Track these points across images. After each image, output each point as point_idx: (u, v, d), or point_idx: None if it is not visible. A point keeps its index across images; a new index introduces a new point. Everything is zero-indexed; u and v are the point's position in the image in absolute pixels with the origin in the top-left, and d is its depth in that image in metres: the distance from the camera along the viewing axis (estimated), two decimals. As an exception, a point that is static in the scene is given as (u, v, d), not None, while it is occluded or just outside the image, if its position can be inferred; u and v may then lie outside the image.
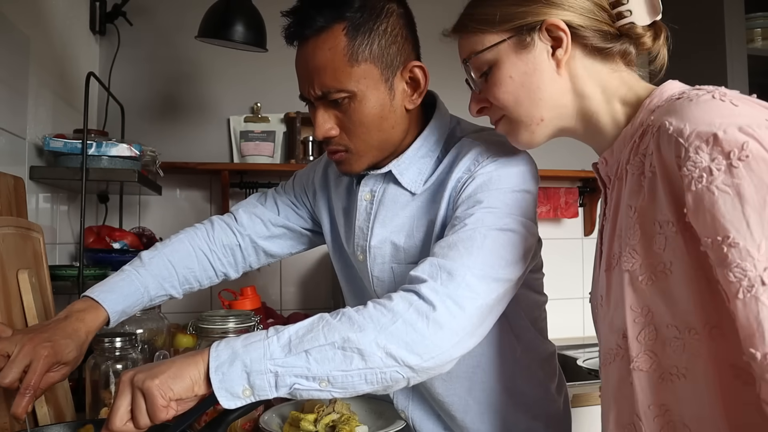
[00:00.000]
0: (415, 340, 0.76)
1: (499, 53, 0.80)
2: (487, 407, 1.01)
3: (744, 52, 2.07)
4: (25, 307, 1.07)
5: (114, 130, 1.99)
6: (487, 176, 0.89)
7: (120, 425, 0.73)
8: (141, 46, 2.16)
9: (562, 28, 0.76)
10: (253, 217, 1.19)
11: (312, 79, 0.91)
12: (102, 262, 1.61)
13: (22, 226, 1.17)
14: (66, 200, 1.79)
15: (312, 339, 0.75)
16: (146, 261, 1.09)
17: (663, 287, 0.68)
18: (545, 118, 0.81)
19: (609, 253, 0.76)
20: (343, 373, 0.75)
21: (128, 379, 0.74)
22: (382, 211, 1.01)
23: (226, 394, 0.74)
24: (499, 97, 0.81)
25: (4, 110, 1.34)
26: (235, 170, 2.17)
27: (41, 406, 1.01)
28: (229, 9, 1.72)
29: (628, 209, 0.71)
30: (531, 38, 0.78)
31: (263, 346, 0.75)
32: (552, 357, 1.09)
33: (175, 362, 0.75)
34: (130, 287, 1.04)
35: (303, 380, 0.75)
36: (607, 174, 0.81)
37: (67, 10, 1.79)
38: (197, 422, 1.12)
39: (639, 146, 0.71)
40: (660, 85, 0.77)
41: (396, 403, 1.10)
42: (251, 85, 2.27)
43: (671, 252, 0.66)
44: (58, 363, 0.89)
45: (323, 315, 0.79)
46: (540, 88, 0.79)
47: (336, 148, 0.97)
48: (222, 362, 0.74)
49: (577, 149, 1.04)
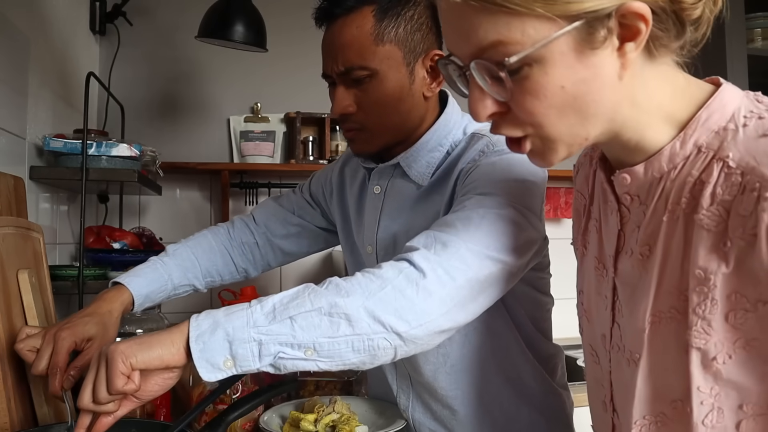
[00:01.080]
0: (404, 306, 0.74)
1: (550, 50, 0.54)
2: (491, 400, 1.02)
3: (744, 52, 2.07)
4: (25, 307, 1.07)
5: (114, 130, 1.99)
6: (490, 166, 0.89)
7: (87, 400, 0.70)
8: (141, 46, 2.16)
9: (646, 17, 0.54)
10: (269, 216, 1.22)
11: (336, 55, 0.94)
12: (102, 262, 1.61)
13: (22, 226, 1.17)
14: (66, 200, 1.79)
15: (297, 305, 0.72)
16: (171, 252, 1.14)
17: (744, 364, 0.58)
18: (591, 137, 0.60)
19: (654, 309, 0.63)
20: (329, 339, 0.72)
21: (98, 352, 0.72)
22: (389, 203, 1.03)
23: (206, 365, 0.69)
24: (537, 114, 0.57)
25: (4, 110, 1.34)
26: (235, 170, 2.17)
27: (41, 406, 1.01)
28: (229, 9, 1.72)
29: (702, 276, 0.57)
30: (605, 30, 0.54)
31: (246, 314, 0.71)
32: (553, 358, 1.09)
33: (146, 337, 0.71)
34: (154, 273, 1.08)
35: (288, 348, 0.71)
36: (628, 192, 0.65)
37: (67, 10, 1.79)
38: (197, 422, 1.12)
39: (715, 192, 0.56)
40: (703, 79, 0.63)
41: (398, 404, 1.10)
42: (251, 85, 2.27)
43: (759, 329, 0.56)
44: (83, 340, 0.92)
45: (309, 284, 0.76)
46: (597, 100, 0.57)
47: (351, 126, 0.98)
48: (203, 331, 0.70)
49: (577, 149, 1.04)
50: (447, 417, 1.04)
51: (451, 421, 1.04)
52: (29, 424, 0.98)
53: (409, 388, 1.09)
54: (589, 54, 0.55)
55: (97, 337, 0.94)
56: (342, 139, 2.23)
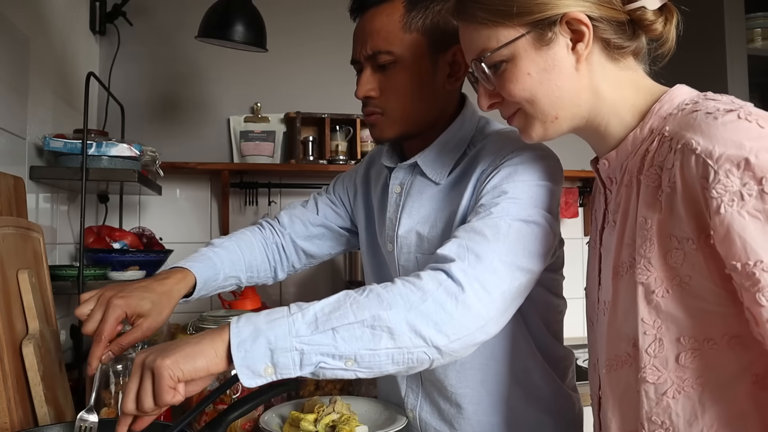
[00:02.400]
0: (444, 320, 0.76)
1: (516, 49, 0.75)
2: (499, 399, 1.02)
3: (744, 52, 2.07)
4: (25, 307, 1.07)
5: (114, 130, 1.99)
6: (512, 168, 0.91)
7: (132, 408, 0.72)
8: (141, 46, 2.16)
9: (584, 21, 0.73)
10: (293, 218, 1.24)
11: (366, 40, 0.99)
12: (102, 262, 1.61)
13: (22, 226, 1.17)
14: (66, 200, 1.79)
15: (340, 317, 0.74)
16: (218, 244, 1.14)
17: (680, 299, 0.68)
18: (560, 116, 0.78)
19: (616, 260, 0.75)
20: (370, 352, 0.74)
21: (141, 360, 0.73)
22: (409, 202, 1.05)
23: (248, 372, 0.71)
24: (514, 94, 0.77)
25: (4, 110, 1.34)
26: (235, 170, 2.17)
27: (41, 406, 1.01)
28: (229, 9, 1.72)
29: (643, 221, 0.70)
30: (552, 33, 0.74)
31: (287, 323, 0.73)
32: (564, 360, 1.09)
33: (190, 341, 0.73)
34: (209, 261, 1.08)
35: (329, 359, 0.73)
36: (608, 175, 0.80)
37: (67, 10, 1.79)
38: (197, 422, 1.12)
39: (654, 157, 0.70)
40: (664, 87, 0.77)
41: (406, 403, 1.10)
42: (251, 85, 2.27)
43: (689, 267, 0.67)
44: (134, 314, 0.91)
45: (348, 292, 0.77)
46: (558, 85, 0.75)
47: (373, 110, 1.01)
48: (244, 338, 0.72)
49: (577, 149, 1.04)
50: (454, 415, 1.04)
51: (458, 418, 1.04)
52: (29, 424, 0.98)
53: (418, 387, 1.09)
54: (546, 50, 0.75)
55: (150, 315, 0.92)
56: (342, 139, 2.23)
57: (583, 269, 0.90)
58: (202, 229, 2.23)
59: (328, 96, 2.29)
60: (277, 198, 2.29)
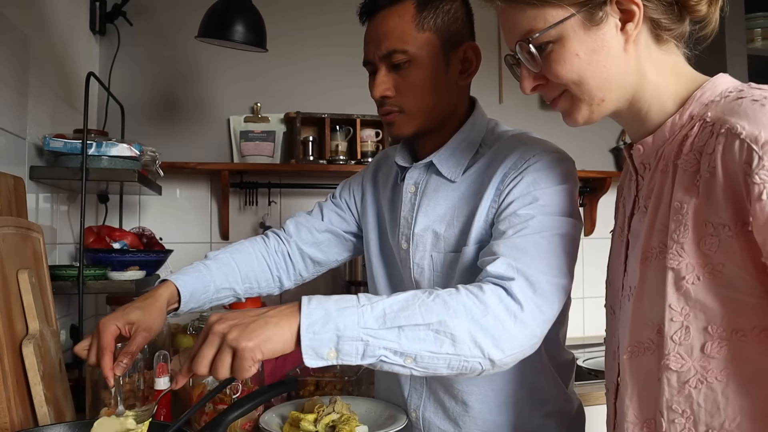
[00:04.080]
0: (502, 336, 0.80)
1: (564, 29, 0.73)
2: (505, 399, 1.03)
3: (744, 52, 2.06)
4: (25, 307, 1.07)
5: (114, 130, 1.99)
6: (536, 173, 0.94)
7: (204, 372, 0.75)
8: (141, 46, 2.16)
9: (635, 1, 0.71)
10: (299, 226, 1.25)
11: (380, 41, 1.01)
12: (102, 262, 1.61)
13: (22, 226, 1.17)
14: (66, 200, 1.79)
15: (408, 317, 0.77)
16: (212, 257, 1.16)
17: (711, 287, 0.67)
18: (606, 99, 0.76)
19: (646, 246, 0.74)
20: (431, 354, 0.77)
21: (220, 333, 0.75)
22: (425, 201, 1.07)
23: (312, 353, 0.75)
24: (562, 76, 0.75)
25: (4, 110, 1.34)
26: (235, 170, 2.17)
27: (41, 406, 1.01)
28: (229, 9, 1.72)
29: (678, 206, 0.69)
30: (602, 12, 0.72)
31: (357, 313, 0.76)
32: (566, 364, 1.11)
33: (269, 322, 0.75)
34: (198, 274, 1.10)
35: (391, 354, 0.76)
36: (641, 161, 0.79)
37: (67, 10, 1.79)
38: (197, 422, 1.12)
39: (694, 142, 0.69)
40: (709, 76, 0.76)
41: (409, 403, 1.11)
42: (251, 85, 2.27)
43: (723, 254, 0.66)
44: (125, 324, 0.94)
45: (416, 293, 0.81)
46: (606, 66, 0.74)
47: (390, 109, 1.04)
48: (314, 321, 0.75)
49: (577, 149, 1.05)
50: (459, 413, 1.05)
51: (463, 417, 1.04)
52: (29, 424, 0.98)
53: (422, 387, 1.09)
54: (594, 30, 0.73)
55: (139, 320, 0.95)
56: (342, 139, 2.23)
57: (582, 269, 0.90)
58: (202, 229, 2.23)
59: (328, 96, 2.29)
60: (277, 198, 2.29)
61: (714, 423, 0.68)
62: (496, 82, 2.49)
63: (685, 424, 0.70)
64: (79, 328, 1.47)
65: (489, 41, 2.44)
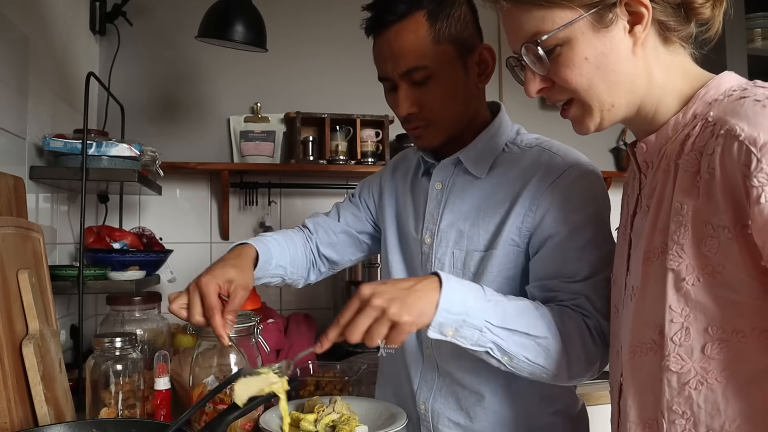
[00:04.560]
0: (580, 362, 0.90)
1: (573, 31, 0.72)
2: (517, 393, 1.04)
3: (744, 52, 2.07)
4: (25, 307, 1.07)
5: (114, 130, 1.99)
6: (573, 186, 0.97)
7: (357, 340, 0.81)
8: (141, 46, 2.16)
9: (644, 2, 0.70)
10: (317, 226, 1.28)
11: (397, 59, 1.00)
12: (102, 262, 1.61)
13: (22, 226, 1.17)
14: (66, 200, 1.79)
15: (525, 325, 0.86)
16: (267, 235, 1.18)
17: (711, 289, 0.67)
18: (616, 104, 0.75)
19: (648, 246, 0.74)
20: (526, 361, 0.87)
21: (379, 306, 0.80)
22: (451, 198, 1.09)
23: (437, 328, 0.83)
24: (571, 80, 0.74)
25: (4, 110, 1.34)
26: (235, 170, 2.17)
27: (41, 406, 1.01)
28: (229, 9, 1.72)
29: (679, 207, 0.69)
30: (612, 14, 0.71)
31: (484, 306, 0.85)
32: None
33: (421, 297, 0.82)
34: (264, 246, 1.11)
35: (496, 349, 0.86)
36: (644, 160, 0.79)
37: (67, 10, 1.79)
38: (197, 422, 1.12)
39: (696, 141, 0.69)
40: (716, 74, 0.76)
41: (418, 396, 1.12)
42: (251, 85, 2.27)
43: (723, 256, 0.65)
44: (225, 281, 0.96)
45: (527, 303, 0.90)
46: (615, 70, 0.73)
47: (418, 124, 1.05)
48: (450, 305, 0.82)
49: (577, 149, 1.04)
50: (472, 403, 1.06)
51: (475, 407, 1.05)
52: (29, 424, 0.98)
53: (433, 380, 1.10)
54: (604, 32, 0.72)
55: (236, 278, 0.97)
56: (342, 139, 2.23)
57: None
58: (202, 229, 2.23)
59: (328, 96, 2.29)
60: (277, 198, 2.29)
61: (714, 424, 0.68)
62: (497, 82, 2.49)
63: (686, 425, 0.70)
64: (79, 328, 1.47)
65: (489, 41, 2.43)
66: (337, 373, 1.40)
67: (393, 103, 1.05)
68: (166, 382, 1.16)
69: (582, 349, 0.89)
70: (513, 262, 1.01)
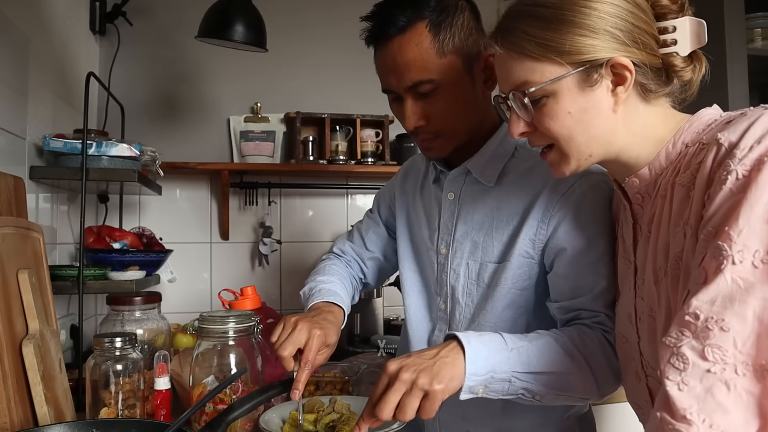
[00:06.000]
0: (608, 378, 0.91)
1: (560, 86, 0.76)
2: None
3: (744, 52, 2.06)
4: (25, 307, 1.07)
5: (114, 130, 1.99)
6: (583, 200, 0.96)
7: (389, 417, 0.80)
8: (141, 46, 2.16)
9: (629, 67, 0.74)
10: (350, 259, 1.30)
11: (401, 73, 0.97)
12: (102, 262, 1.61)
13: (22, 226, 1.17)
14: (66, 200, 1.79)
15: (549, 363, 0.87)
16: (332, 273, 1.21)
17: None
18: (594, 154, 0.80)
19: (653, 267, 0.76)
20: (557, 395, 0.88)
21: (408, 380, 0.80)
22: (464, 207, 1.08)
23: (468, 390, 0.84)
24: (553, 131, 0.78)
25: (4, 110, 1.34)
26: (235, 170, 2.17)
27: (41, 406, 1.01)
28: (229, 9, 1.72)
29: (678, 220, 0.72)
30: (598, 74, 0.75)
31: (508, 357, 0.85)
32: None
33: (446, 363, 0.82)
34: (342, 291, 1.15)
35: (527, 393, 0.87)
36: (638, 192, 0.82)
37: (67, 10, 1.79)
38: (197, 422, 1.12)
39: (691, 161, 0.73)
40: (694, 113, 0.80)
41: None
42: (251, 85, 2.27)
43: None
44: (323, 344, 0.98)
45: (548, 339, 0.89)
46: (595, 125, 0.77)
47: (427, 136, 1.03)
48: (476, 369, 0.83)
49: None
50: (479, 412, 1.06)
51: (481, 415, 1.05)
52: (29, 424, 0.98)
53: None
54: (588, 90, 0.76)
55: (332, 347, 1.01)
56: (342, 139, 2.23)
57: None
58: (202, 229, 2.22)
59: (328, 96, 2.29)
60: (277, 198, 2.29)
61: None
62: (496, 82, 2.49)
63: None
64: (79, 328, 1.47)
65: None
66: (337, 373, 1.40)
67: (399, 114, 1.03)
68: (166, 382, 1.16)
69: (607, 365, 0.91)
70: (527, 273, 1.00)
